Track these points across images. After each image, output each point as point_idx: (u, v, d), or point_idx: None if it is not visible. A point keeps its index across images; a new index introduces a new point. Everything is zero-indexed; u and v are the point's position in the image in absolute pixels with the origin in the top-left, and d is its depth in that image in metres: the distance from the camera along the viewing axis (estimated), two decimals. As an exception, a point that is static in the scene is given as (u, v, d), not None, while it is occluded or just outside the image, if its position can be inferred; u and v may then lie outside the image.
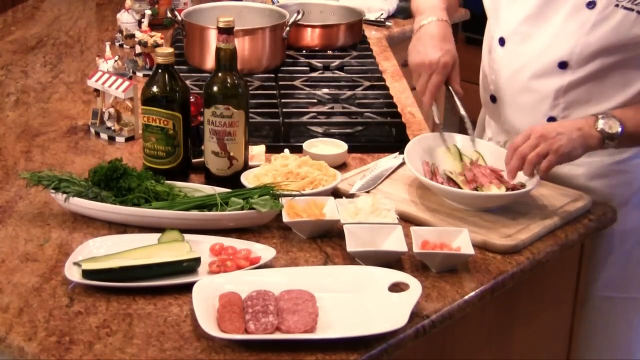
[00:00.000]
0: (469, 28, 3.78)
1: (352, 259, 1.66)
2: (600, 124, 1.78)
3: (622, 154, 1.94)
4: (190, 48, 2.59)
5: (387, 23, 3.22)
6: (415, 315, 1.49)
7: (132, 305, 1.52)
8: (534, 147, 1.76)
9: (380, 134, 2.22)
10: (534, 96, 1.93)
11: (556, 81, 1.89)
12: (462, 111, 1.96)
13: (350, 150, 2.07)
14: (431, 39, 1.97)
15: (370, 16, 3.20)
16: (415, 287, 1.53)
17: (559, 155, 1.76)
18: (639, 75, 1.86)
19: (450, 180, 1.86)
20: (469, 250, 1.63)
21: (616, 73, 1.85)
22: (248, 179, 1.86)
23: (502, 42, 1.98)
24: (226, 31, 1.83)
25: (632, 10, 1.79)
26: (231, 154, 1.88)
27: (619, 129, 1.78)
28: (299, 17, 2.63)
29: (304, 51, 2.77)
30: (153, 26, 2.86)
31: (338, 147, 2.05)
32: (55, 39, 2.99)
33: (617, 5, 1.80)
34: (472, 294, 1.59)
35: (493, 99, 2.04)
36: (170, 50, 1.90)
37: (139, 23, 2.85)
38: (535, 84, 1.92)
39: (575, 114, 1.88)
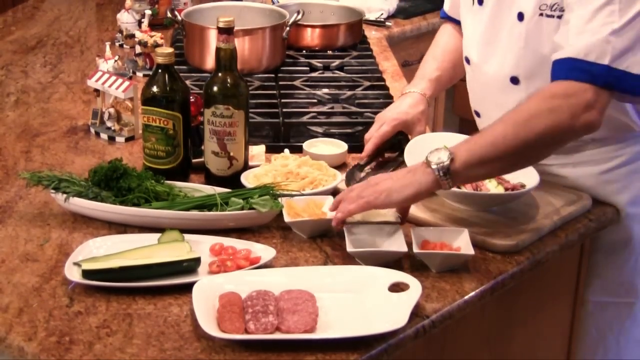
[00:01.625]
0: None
1: (352, 259, 1.66)
2: (428, 156, 1.65)
3: (610, 162, 1.92)
4: (190, 48, 2.59)
5: (387, 23, 3.22)
6: (415, 315, 1.49)
7: (132, 305, 1.52)
8: (350, 190, 1.69)
9: (380, 134, 2.22)
10: (504, 112, 1.91)
11: (514, 96, 1.87)
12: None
13: (350, 150, 2.07)
14: (401, 103, 2.05)
15: (370, 16, 3.20)
16: (415, 287, 1.53)
17: (376, 197, 1.64)
18: None
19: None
20: (469, 250, 1.63)
21: None
22: (248, 179, 1.86)
23: (467, 61, 2.01)
24: (226, 31, 1.83)
25: (553, 16, 1.78)
26: (231, 154, 1.88)
27: (447, 159, 1.63)
28: (299, 17, 2.63)
29: (304, 51, 2.77)
30: (153, 26, 2.85)
31: (338, 147, 2.06)
32: (55, 39, 2.99)
33: (541, 15, 1.80)
34: (472, 294, 1.59)
35: (477, 113, 2.06)
36: (170, 50, 1.90)
37: (139, 23, 2.85)
38: (502, 99, 1.91)
39: None
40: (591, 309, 2.02)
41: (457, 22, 2.12)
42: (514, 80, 1.88)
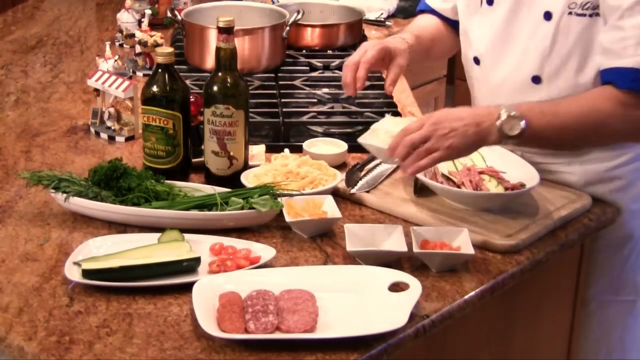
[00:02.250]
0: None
1: (352, 259, 1.66)
2: (500, 123, 1.69)
3: (616, 159, 1.93)
4: (190, 48, 2.58)
5: (387, 23, 3.22)
6: (415, 315, 1.49)
7: (132, 305, 1.52)
8: (425, 138, 1.68)
9: (380, 134, 2.22)
10: None
11: (533, 96, 1.88)
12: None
13: (350, 150, 2.07)
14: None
15: (370, 16, 3.20)
16: (415, 287, 1.53)
17: (448, 154, 1.69)
18: None
19: (450, 180, 1.86)
20: (469, 250, 1.63)
21: (590, 78, 1.84)
22: (248, 179, 1.86)
23: (477, 61, 2.00)
24: (226, 31, 1.83)
25: (585, 15, 1.79)
26: (231, 153, 1.88)
27: (519, 131, 1.69)
28: (299, 16, 2.63)
29: (304, 51, 2.77)
30: (153, 26, 2.85)
31: (338, 147, 2.05)
32: (55, 39, 2.99)
33: (570, 13, 1.80)
34: (472, 293, 1.59)
35: None
36: (170, 50, 1.90)
37: (139, 23, 2.85)
38: (514, 100, 1.91)
39: None
40: (594, 307, 2.02)
41: (441, 17, 2.13)
42: (536, 80, 1.88)
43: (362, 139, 1.84)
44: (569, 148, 1.88)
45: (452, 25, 2.14)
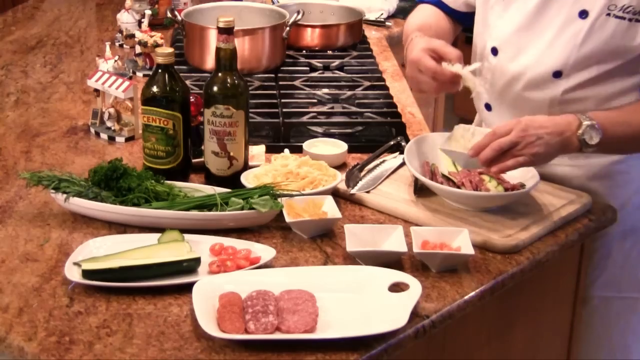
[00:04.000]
0: (469, 28, 3.79)
1: (352, 259, 1.66)
2: (581, 132, 1.75)
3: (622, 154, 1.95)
4: (190, 48, 2.59)
5: (387, 23, 3.22)
6: (415, 315, 1.49)
7: (132, 305, 1.52)
8: (513, 144, 1.72)
9: (380, 134, 2.22)
10: (529, 105, 1.93)
11: (551, 90, 1.89)
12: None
13: (350, 150, 2.07)
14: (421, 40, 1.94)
15: (370, 16, 3.20)
16: (415, 287, 1.53)
17: (532, 161, 1.73)
18: (633, 81, 1.86)
19: (450, 181, 1.86)
20: (469, 250, 1.63)
21: (610, 80, 1.86)
22: (248, 179, 1.86)
23: (494, 52, 1.98)
24: (226, 31, 1.83)
25: (624, 18, 1.80)
26: (231, 154, 1.88)
27: (598, 140, 1.75)
28: (299, 17, 2.63)
29: (304, 51, 2.77)
30: (153, 26, 2.86)
31: (338, 147, 2.05)
32: (55, 39, 2.99)
33: (608, 15, 1.81)
34: (472, 294, 1.59)
35: (488, 107, 2.04)
36: (170, 50, 1.90)
37: (139, 23, 2.85)
38: (530, 93, 1.92)
39: None
40: (596, 304, 2.02)
41: (445, 9, 2.12)
42: (557, 74, 1.88)
43: (442, 147, 1.85)
44: (636, 152, 1.93)
45: (454, 16, 2.13)
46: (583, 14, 1.83)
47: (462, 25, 2.18)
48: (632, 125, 1.80)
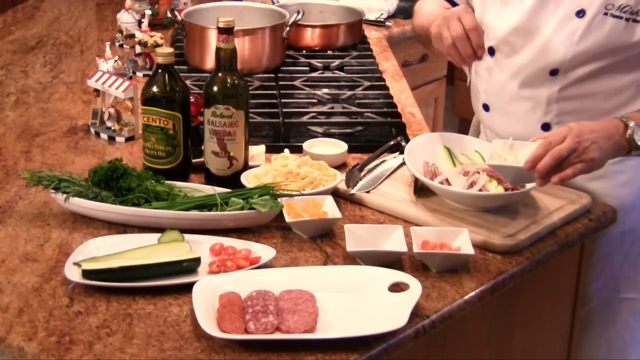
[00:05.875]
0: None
1: (352, 259, 1.66)
2: (630, 133, 1.74)
3: None
4: (190, 48, 2.59)
5: (387, 23, 3.22)
6: (415, 315, 1.49)
7: (132, 305, 1.52)
8: (571, 150, 1.68)
9: (380, 134, 2.22)
10: (527, 104, 1.94)
11: (548, 88, 1.90)
12: None
13: (350, 150, 2.07)
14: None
15: (370, 16, 3.20)
16: (415, 287, 1.53)
17: (590, 167, 1.70)
18: (629, 78, 1.87)
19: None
20: (469, 250, 1.63)
21: (607, 77, 1.87)
22: (248, 179, 1.86)
23: (491, 51, 1.99)
24: (226, 31, 1.83)
25: (621, 18, 1.81)
26: (231, 154, 1.88)
27: None
28: (299, 17, 2.63)
29: (304, 51, 2.77)
30: (153, 26, 2.86)
31: (338, 147, 2.05)
32: (55, 39, 2.99)
33: (605, 14, 1.81)
34: (472, 294, 1.59)
35: (485, 107, 2.05)
36: (170, 50, 1.90)
37: (139, 23, 2.85)
38: (527, 92, 1.93)
39: (568, 120, 1.87)
40: (594, 305, 2.02)
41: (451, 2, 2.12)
42: (553, 73, 1.88)
43: (490, 161, 1.77)
44: None
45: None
46: (580, 13, 1.83)
47: None
48: None
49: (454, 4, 2.13)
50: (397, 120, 2.24)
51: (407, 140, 2.04)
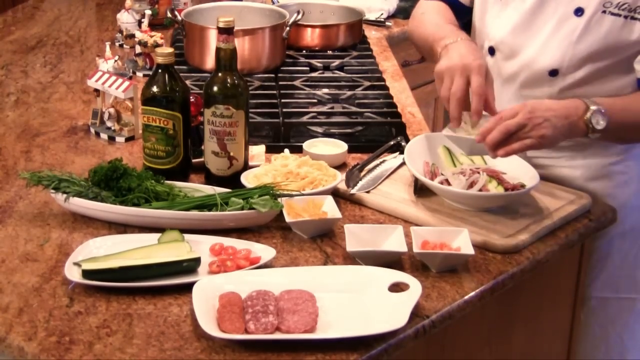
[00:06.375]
0: (467, 28, 3.79)
1: (352, 259, 1.66)
2: (589, 116, 1.74)
3: (620, 155, 1.95)
4: (190, 48, 2.59)
5: (387, 23, 3.22)
6: (415, 315, 1.49)
7: (132, 305, 1.52)
8: (520, 126, 1.70)
9: (380, 134, 2.22)
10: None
11: (547, 89, 1.90)
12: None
13: (350, 150, 2.07)
14: (463, 48, 1.84)
15: (370, 16, 3.20)
16: (415, 287, 1.53)
17: (540, 143, 1.72)
18: (628, 79, 1.87)
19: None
20: (469, 250, 1.63)
21: (606, 79, 1.87)
22: (248, 179, 1.86)
23: (491, 51, 1.99)
24: (226, 31, 1.83)
25: (620, 15, 1.81)
26: (231, 154, 1.88)
27: (603, 126, 1.75)
28: (299, 17, 2.63)
29: (304, 51, 2.77)
30: (153, 26, 2.85)
31: (338, 147, 2.05)
32: (55, 39, 2.99)
33: (604, 12, 1.82)
34: (472, 294, 1.59)
35: None
36: (170, 50, 1.90)
37: (139, 23, 2.85)
38: (527, 92, 1.93)
39: None
40: (593, 305, 2.02)
41: (454, 5, 2.11)
42: (553, 73, 1.88)
43: (446, 132, 1.83)
44: (636, 142, 1.95)
45: (456, 9, 2.12)
46: (579, 12, 1.83)
47: (460, 21, 2.17)
48: (635, 112, 1.81)
49: (458, 8, 2.12)
50: (397, 120, 2.24)
51: (407, 140, 2.04)
